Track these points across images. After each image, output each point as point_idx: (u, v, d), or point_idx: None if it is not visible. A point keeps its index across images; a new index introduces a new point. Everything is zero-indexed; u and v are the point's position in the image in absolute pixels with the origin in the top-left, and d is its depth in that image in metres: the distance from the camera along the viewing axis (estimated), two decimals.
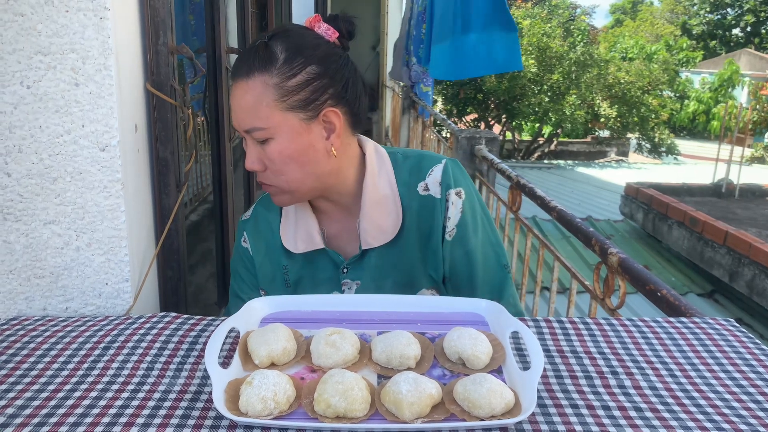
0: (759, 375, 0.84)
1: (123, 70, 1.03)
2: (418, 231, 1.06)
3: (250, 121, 0.94)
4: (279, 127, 0.94)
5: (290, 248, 1.08)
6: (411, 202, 1.06)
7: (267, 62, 0.93)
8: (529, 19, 13.65)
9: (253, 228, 1.14)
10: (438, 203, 1.05)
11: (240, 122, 0.96)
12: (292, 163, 0.97)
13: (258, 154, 0.97)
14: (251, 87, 0.93)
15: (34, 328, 0.95)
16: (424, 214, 1.05)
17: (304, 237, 1.07)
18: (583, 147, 15.45)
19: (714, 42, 28.92)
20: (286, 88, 0.93)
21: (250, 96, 0.93)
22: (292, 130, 0.95)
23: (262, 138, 0.95)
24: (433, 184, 1.05)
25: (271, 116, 0.93)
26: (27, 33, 0.95)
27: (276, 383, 0.72)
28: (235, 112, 0.96)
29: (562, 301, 4.21)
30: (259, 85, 0.93)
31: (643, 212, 6.79)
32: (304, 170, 0.98)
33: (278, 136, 0.95)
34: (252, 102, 0.93)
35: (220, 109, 1.69)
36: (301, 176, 0.99)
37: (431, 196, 1.05)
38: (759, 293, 4.88)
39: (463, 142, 3.30)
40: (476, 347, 0.82)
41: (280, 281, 1.12)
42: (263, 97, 0.93)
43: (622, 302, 1.58)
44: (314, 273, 1.10)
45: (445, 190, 1.05)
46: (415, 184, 1.06)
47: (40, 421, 0.71)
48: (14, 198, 1.00)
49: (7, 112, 0.97)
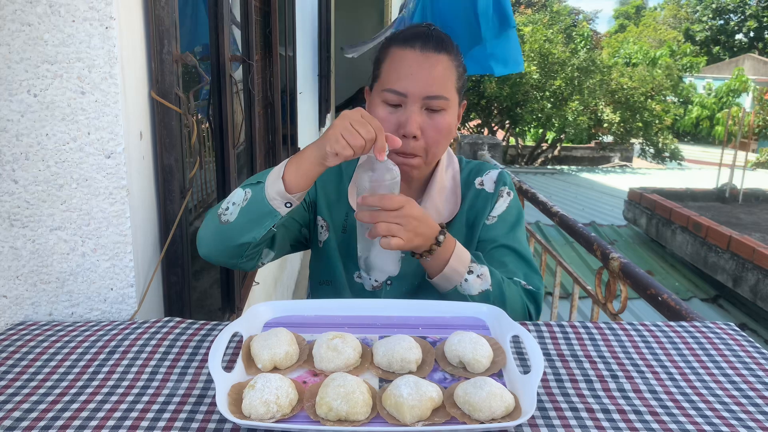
0: (758, 378, 0.84)
1: (128, 78, 1.04)
2: (470, 219, 1.18)
3: (438, 89, 1.06)
4: (452, 102, 1.09)
5: (353, 204, 1.16)
6: (467, 191, 1.20)
7: (450, 46, 1.09)
8: (531, 25, 13.68)
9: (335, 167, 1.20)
10: (490, 197, 1.19)
11: (425, 88, 1.05)
12: (446, 137, 1.10)
13: (422, 122, 1.06)
14: (441, 61, 1.07)
15: (40, 333, 0.96)
16: (476, 204, 1.19)
17: None
18: (587, 152, 15.44)
19: (717, 47, 28.91)
20: (459, 72, 1.11)
21: (441, 68, 1.06)
22: (455, 109, 1.11)
23: (440, 107, 1.07)
24: (489, 181, 1.20)
25: (452, 91, 1.08)
26: (34, 42, 0.97)
27: (278, 387, 0.73)
28: (418, 79, 1.05)
29: (565, 306, 4.21)
30: (447, 61, 1.07)
31: (647, 217, 6.78)
32: (446, 145, 1.13)
33: (450, 109, 1.09)
34: (442, 73, 1.06)
35: (225, 116, 1.70)
36: (442, 149, 1.13)
37: (485, 191, 1.19)
38: (763, 298, 4.86)
39: (466, 148, 3.31)
40: (477, 351, 0.82)
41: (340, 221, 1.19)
42: (450, 73, 1.08)
43: (623, 307, 1.58)
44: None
45: (498, 187, 1.19)
46: (473, 179, 1.21)
47: (46, 425, 0.72)
48: (21, 204, 1.02)
49: (15, 120, 0.99)
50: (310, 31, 4.65)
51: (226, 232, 1.00)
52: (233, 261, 1.05)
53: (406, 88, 1.06)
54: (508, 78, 12.52)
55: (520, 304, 1.08)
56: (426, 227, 0.98)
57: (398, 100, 1.07)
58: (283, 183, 0.94)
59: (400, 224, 0.94)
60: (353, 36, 7.19)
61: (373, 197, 0.94)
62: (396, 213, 0.93)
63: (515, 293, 1.08)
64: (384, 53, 1.12)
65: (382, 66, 1.11)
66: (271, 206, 0.96)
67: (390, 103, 1.07)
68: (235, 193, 1.00)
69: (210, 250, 1.05)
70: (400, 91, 1.06)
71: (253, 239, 0.99)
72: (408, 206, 0.94)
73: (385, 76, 1.09)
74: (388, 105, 1.08)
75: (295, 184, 0.95)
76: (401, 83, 1.06)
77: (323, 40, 5.58)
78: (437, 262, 1.02)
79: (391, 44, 1.12)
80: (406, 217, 0.94)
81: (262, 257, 1.11)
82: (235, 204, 0.99)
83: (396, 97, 1.06)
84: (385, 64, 1.10)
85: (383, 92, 1.08)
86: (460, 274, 1.03)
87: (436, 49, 1.07)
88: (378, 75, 1.12)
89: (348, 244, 1.18)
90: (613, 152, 15.26)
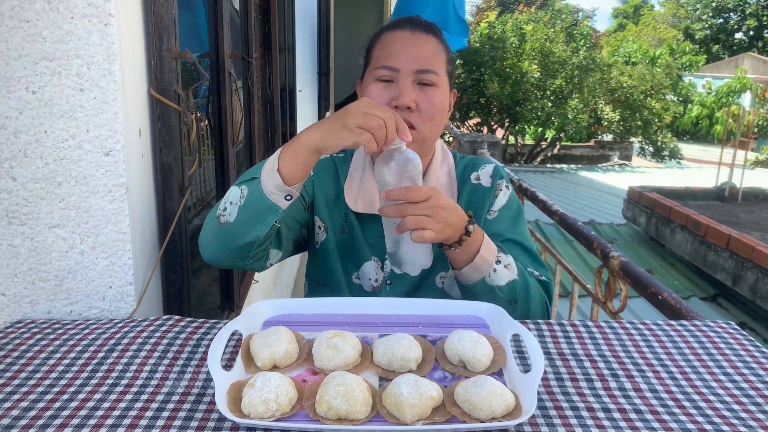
0: (759, 378, 0.84)
1: (127, 75, 1.04)
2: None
3: (428, 64, 1.08)
4: (443, 80, 1.11)
5: (350, 204, 1.15)
6: (463, 187, 1.19)
7: (438, 31, 1.14)
8: (532, 24, 13.67)
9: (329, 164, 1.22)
10: (487, 191, 1.18)
11: (416, 62, 1.07)
12: (439, 114, 1.11)
13: (416, 96, 1.07)
14: (431, 40, 1.11)
15: (39, 331, 0.96)
16: (474, 199, 1.18)
17: (366, 199, 1.15)
18: (586, 151, 15.43)
19: (717, 46, 28.90)
20: (448, 56, 1.14)
21: (431, 46, 1.10)
22: (446, 89, 1.13)
23: (431, 82, 1.08)
24: (485, 176, 1.20)
25: (442, 69, 1.11)
26: (32, 39, 0.96)
27: (278, 385, 0.73)
28: (410, 54, 1.08)
29: (565, 305, 4.21)
30: (436, 42, 1.11)
31: (646, 216, 6.78)
32: (440, 124, 1.13)
33: (441, 86, 1.10)
34: (432, 51, 1.10)
35: (224, 114, 1.70)
36: (437, 129, 1.13)
37: (482, 185, 1.19)
38: (762, 297, 4.87)
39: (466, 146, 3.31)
40: (477, 350, 0.82)
41: (338, 222, 1.19)
42: (439, 53, 1.11)
43: (623, 305, 1.58)
44: (366, 233, 1.17)
45: (496, 181, 1.19)
46: (468, 174, 1.21)
47: (44, 423, 0.72)
48: (19, 202, 1.01)
49: (13, 117, 0.98)
50: (309, 29, 4.64)
51: (228, 233, 0.97)
52: (240, 263, 1.03)
53: (398, 63, 1.07)
54: (509, 77, 12.54)
55: (540, 296, 1.07)
56: (455, 217, 0.95)
57: (390, 75, 1.07)
58: (280, 175, 0.91)
59: (429, 216, 0.91)
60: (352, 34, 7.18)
61: (398, 190, 0.90)
62: (424, 204, 0.90)
63: (535, 284, 1.07)
64: (374, 41, 1.15)
65: (373, 51, 1.13)
66: (270, 201, 0.93)
67: (383, 80, 1.08)
68: (231, 192, 0.98)
69: (214, 254, 1.03)
70: (392, 66, 1.07)
71: (256, 237, 0.96)
72: (435, 196, 0.92)
73: (377, 58, 1.11)
74: (381, 81, 1.08)
75: (292, 175, 0.92)
76: (393, 59, 1.08)
77: (323, 38, 5.57)
78: (467, 252, 0.99)
79: (381, 32, 1.15)
80: (435, 207, 0.91)
81: (269, 257, 1.09)
82: (232, 203, 0.96)
83: (388, 72, 1.07)
84: (376, 49, 1.12)
85: (375, 70, 1.09)
86: (489, 263, 1.00)
87: (425, 31, 1.11)
88: (369, 60, 1.14)
89: (346, 245, 1.18)
90: (612, 151, 15.26)
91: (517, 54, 12.75)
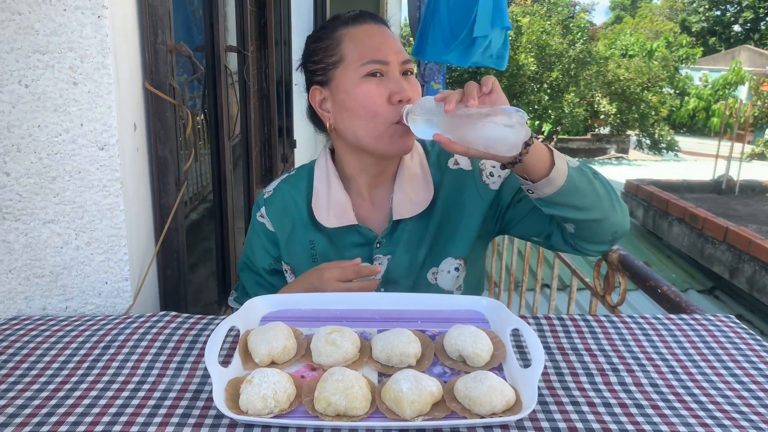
0: (760, 371, 0.83)
1: (121, 68, 1.02)
2: (449, 201, 1.13)
3: (406, 54, 1.07)
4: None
5: (323, 221, 1.11)
6: (443, 176, 1.14)
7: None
8: (528, 16, 13.64)
9: (277, 204, 1.17)
10: (469, 174, 1.13)
11: (398, 54, 1.06)
12: None
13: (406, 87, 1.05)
14: (392, 33, 1.10)
15: (34, 328, 0.95)
16: (457, 185, 1.13)
17: (337, 212, 1.11)
18: (583, 144, 15.44)
19: (713, 39, 28.89)
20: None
21: (395, 38, 1.09)
22: None
23: (411, 71, 1.08)
24: (462, 159, 1.14)
25: None
26: (25, 32, 0.95)
27: (276, 382, 0.72)
28: (391, 46, 1.06)
29: (563, 298, 4.21)
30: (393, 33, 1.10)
31: (643, 209, 6.79)
32: None
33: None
34: (398, 42, 1.08)
35: (220, 108, 1.68)
36: None
37: (462, 169, 1.14)
38: (759, 290, 4.88)
39: None
40: (477, 345, 0.82)
41: (306, 256, 1.14)
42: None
43: (622, 299, 1.58)
44: (342, 249, 1.13)
45: (476, 162, 1.14)
46: (445, 161, 1.15)
47: (40, 421, 0.71)
48: (13, 197, 1.00)
49: (6, 112, 0.97)
50: (305, 22, 4.61)
51: None
52: None
53: (387, 56, 1.04)
54: (505, 70, 12.50)
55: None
56: None
57: (381, 69, 1.04)
58: None
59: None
60: None
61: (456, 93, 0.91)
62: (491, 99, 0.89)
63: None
64: (334, 38, 1.08)
65: (340, 48, 1.06)
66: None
67: (372, 75, 1.04)
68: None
69: None
70: (382, 59, 1.04)
71: None
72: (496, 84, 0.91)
73: (354, 54, 1.05)
74: (371, 77, 1.04)
75: None
76: (380, 53, 1.04)
77: None
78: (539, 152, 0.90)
79: (337, 28, 1.08)
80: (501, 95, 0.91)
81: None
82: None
83: (380, 66, 1.04)
84: (346, 45, 1.06)
85: (363, 66, 1.04)
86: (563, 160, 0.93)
87: (383, 23, 1.11)
88: (340, 59, 1.06)
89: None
90: (609, 144, 15.28)
91: (514, 47, 12.73)
